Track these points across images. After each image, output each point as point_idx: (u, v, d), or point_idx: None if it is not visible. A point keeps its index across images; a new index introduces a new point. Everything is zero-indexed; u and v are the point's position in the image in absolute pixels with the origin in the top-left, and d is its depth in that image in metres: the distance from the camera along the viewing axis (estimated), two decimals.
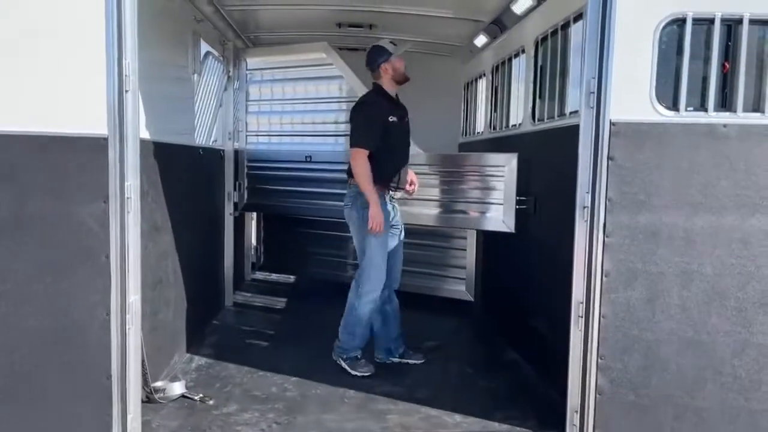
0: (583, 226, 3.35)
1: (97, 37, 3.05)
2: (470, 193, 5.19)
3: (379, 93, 4.51)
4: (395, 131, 4.41)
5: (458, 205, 5.29)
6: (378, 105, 4.42)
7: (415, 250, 6.24)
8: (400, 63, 4.46)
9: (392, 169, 4.47)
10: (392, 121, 4.38)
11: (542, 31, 4.61)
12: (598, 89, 3.26)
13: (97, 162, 3.09)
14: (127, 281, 3.21)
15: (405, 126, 4.58)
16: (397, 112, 4.46)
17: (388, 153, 4.38)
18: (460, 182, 5.26)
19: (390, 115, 4.38)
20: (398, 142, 4.48)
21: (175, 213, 4.34)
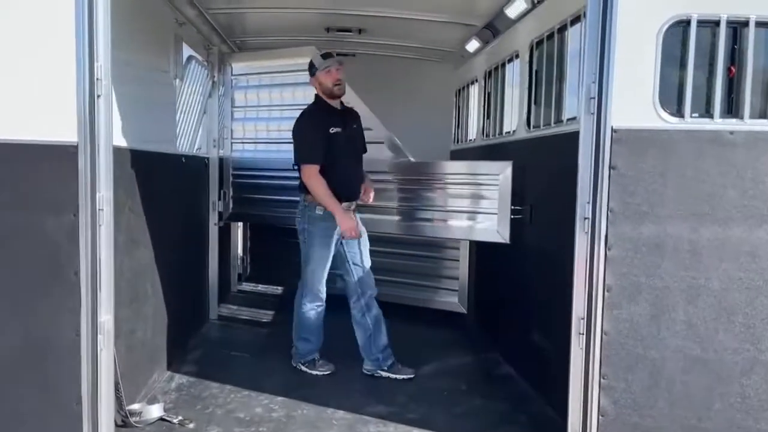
0: (583, 237, 3.18)
1: (66, 37, 2.86)
2: (463, 202, 5.03)
3: (317, 105, 4.54)
4: (340, 142, 4.40)
5: (451, 215, 5.13)
6: (317, 118, 4.43)
7: (406, 260, 6.10)
8: (327, 77, 4.42)
9: (343, 180, 4.44)
10: (335, 132, 4.38)
11: (537, 35, 4.46)
12: (599, 94, 3.10)
13: (65, 171, 2.88)
14: (98, 299, 3.00)
15: (353, 134, 4.55)
16: (339, 121, 4.44)
17: (336, 164, 4.38)
18: (452, 191, 5.10)
19: (331, 127, 4.37)
20: (346, 152, 4.46)
21: (155, 224, 4.13)
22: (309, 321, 4.62)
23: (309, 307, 4.60)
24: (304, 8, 5.54)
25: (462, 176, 5.01)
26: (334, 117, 4.45)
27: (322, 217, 4.43)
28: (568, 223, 3.52)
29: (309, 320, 4.62)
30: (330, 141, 4.34)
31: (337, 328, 4.80)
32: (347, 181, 4.48)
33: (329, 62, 4.44)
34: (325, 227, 4.45)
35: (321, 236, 4.47)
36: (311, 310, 4.60)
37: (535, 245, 4.43)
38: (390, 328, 4.81)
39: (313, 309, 4.60)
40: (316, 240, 4.47)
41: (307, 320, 4.62)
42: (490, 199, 4.80)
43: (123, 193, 3.59)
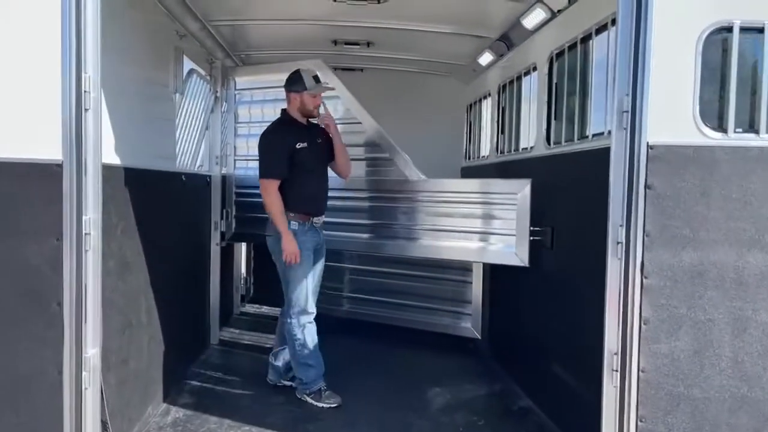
0: (616, 264, 2.90)
1: (51, 44, 2.62)
2: (478, 222, 4.75)
3: (284, 120, 4.50)
4: (307, 157, 4.35)
5: (465, 236, 4.84)
6: (283, 133, 4.39)
7: (415, 282, 5.82)
8: (311, 100, 4.42)
9: (309, 195, 4.39)
10: (301, 147, 4.34)
11: (557, 46, 4.21)
12: (633, 108, 2.84)
13: (48, 192, 2.63)
14: (83, 332, 2.73)
15: (319, 149, 4.48)
16: (306, 136, 4.40)
17: (304, 179, 4.33)
18: (466, 211, 4.82)
19: (297, 142, 4.33)
20: (312, 167, 4.41)
21: (150, 246, 3.87)
22: (304, 344, 4.39)
23: (300, 329, 4.38)
24: (311, 20, 5.32)
25: (477, 195, 4.74)
26: (300, 132, 4.41)
27: (297, 231, 4.31)
28: (595, 246, 3.26)
29: (304, 343, 4.39)
30: (296, 156, 4.30)
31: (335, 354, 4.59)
32: (314, 196, 4.43)
33: (320, 88, 4.45)
34: (301, 241, 4.31)
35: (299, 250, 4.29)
36: (303, 331, 4.38)
37: (556, 269, 4.14)
38: (398, 353, 4.54)
39: (304, 330, 4.38)
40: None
41: (302, 343, 4.39)
42: (507, 219, 4.52)
43: (115, 215, 3.33)
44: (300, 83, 4.39)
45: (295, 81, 4.43)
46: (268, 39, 6.00)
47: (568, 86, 4.09)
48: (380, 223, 5.31)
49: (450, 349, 5.76)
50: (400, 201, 5.16)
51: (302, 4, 4.85)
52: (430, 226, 4.97)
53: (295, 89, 4.40)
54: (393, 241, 5.22)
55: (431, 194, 4.97)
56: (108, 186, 3.22)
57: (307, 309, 4.38)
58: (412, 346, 5.82)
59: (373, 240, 5.37)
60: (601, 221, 3.07)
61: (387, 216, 5.27)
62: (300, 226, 4.32)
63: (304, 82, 4.38)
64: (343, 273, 6.35)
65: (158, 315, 4.07)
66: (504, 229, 4.58)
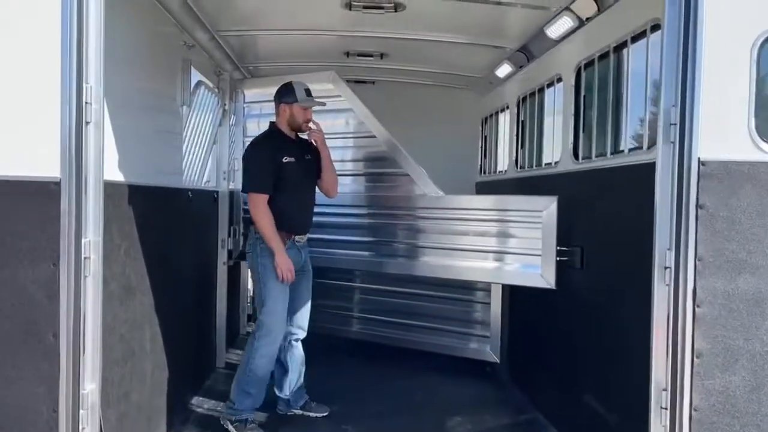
0: (664, 291, 2.65)
1: (50, 52, 2.41)
2: (500, 241, 4.51)
3: (272, 133, 4.35)
4: (293, 172, 4.20)
5: (486, 256, 4.59)
6: (270, 146, 4.24)
7: (430, 303, 5.58)
8: (301, 113, 4.27)
9: (294, 212, 4.22)
10: (288, 162, 4.18)
11: (586, 56, 3.99)
12: (682, 120, 2.61)
13: (45, 213, 2.41)
14: (81, 367, 2.50)
15: (307, 165, 4.33)
16: (294, 151, 4.25)
17: (288, 195, 4.16)
18: (487, 229, 4.58)
19: (285, 156, 4.17)
20: (299, 183, 4.26)
21: (155, 268, 3.63)
22: (258, 370, 4.13)
23: (263, 353, 4.11)
24: (323, 30, 5.13)
25: (499, 212, 4.50)
26: (288, 146, 4.26)
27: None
28: (634, 269, 3.03)
29: (258, 370, 4.13)
30: (283, 170, 4.14)
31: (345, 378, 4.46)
32: (299, 213, 4.25)
33: (311, 102, 4.29)
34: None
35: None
36: (263, 358, 4.11)
37: (587, 292, 3.88)
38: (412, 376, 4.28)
39: (267, 356, 4.13)
40: (273, 274, 4.09)
41: (257, 369, 4.12)
42: (531, 238, 4.27)
43: (118, 235, 3.10)
44: (291, 95, 4.24)
45: (286, 92, 4.28)
46: (277, 50, 5.81)
47: (599, 98, 3.86)
48: (395, 241, 5.08)
49: (466, 373, 5.50)
50: (417, 218, 4.94)
51: (315, 13, 4.65)
52: (449, 245, 4.73)
53: (286, 101, 4.25)
54: (410, 261, 4.99)
55: (450, 211, 4.74)
56: (110, 204, 3.00)
57: (277, 338, 4.15)
58: (426, 370, 5.58)
59: (388, 259, 5.14)
60: (641, 242, 2.85)
61: (403, 234, 5.04)
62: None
63: (295, 94, 4.23)
64: (355, 292, 6.11)
65: (163, 341, 3.83)
66: (528, 249, 4.33)
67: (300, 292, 4.32)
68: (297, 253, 4.23)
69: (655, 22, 3.11)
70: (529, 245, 4.29)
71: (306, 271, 4.37)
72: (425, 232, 4.91)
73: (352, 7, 4.31)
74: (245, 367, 4.16)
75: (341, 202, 5.48)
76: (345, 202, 5.45)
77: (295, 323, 4.37)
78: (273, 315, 4.10)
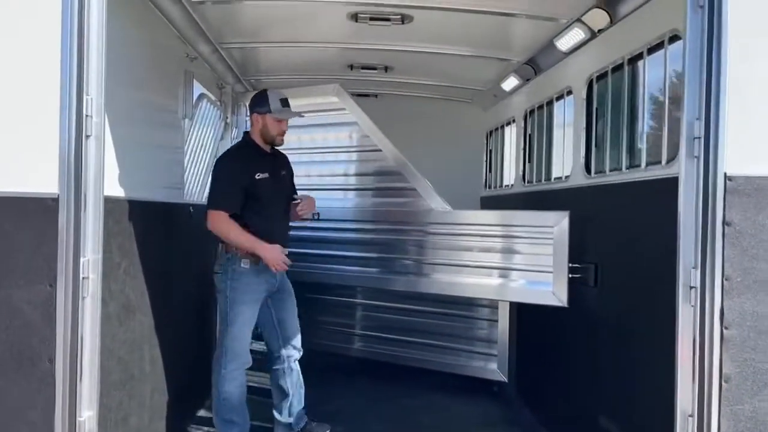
0: (689, 312, 2.54)
1: (50, 63, 2.30)
2: (509, 258, 4.39)
3: (246, 145, 4.02)
4: (267, 188, 3.88)
5: (494, 272, 4.47)
6: (242, 160, 3.90)
7: (435, 320, 5.45)
8: (275, 125, 3.93)
9: (268, 232, 3.85)
10: (261, 178, 3.85)
11: (598, 69, 3.90)
12: (707, 133, 2.50)
13: (41, 231, 2.29)
14: (78, 393, 2.37)
15: (281, 181, 4.03)
16: (268, 166, 3.92)
17: (262, 214, 3.86)
18: (496, 245, 4.46)
19: (258, 171, 3.85)
20: (273, 200, 3.93)
21: (155, 286, 3.51)
22: (233, 397, 3.87)
23: (232, 378, 3.85)
24: (327, 43, 5.04)
25: (508, 227, 4.39)
26: (262, 161, 3.92)
27: (250, 272, 3.83)
28: (653, 287, 2.92)
29: (233, 396, 3.87)
30: (255, 187, 3.82)
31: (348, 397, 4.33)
32: (270, 234, 3.86)
33: (286, 113, 3.96)
34: (253, 283, 3.85)
35: (249, 293, 3.84)
36: (234, 382, 3.86)
37: (602, 310, 3.76)
38: (417, 396, 4.13)
39: (237, 381, 3.88)
40: (244, 297, 3.82)
41: (231, 396, 3.86)
42: (542, 254, 4.15)
43: (117, 253, 2.98)
44: (264, 104, 3.89)
45: (260, 101, 3.94)
46: (280, 63, 5.73)
47: (612, 111, 3.76)
48: (401, 257, 4.96)
49: (473, 393, 5.37)
50: (424, 233, 4.82)
51: (320, 25, 4.57)
52: (457, 261, 4.61)
53: (258, 110, 3.91)
54: (416, 277, 4.86)
55: (458, 226, 4.62)
56: (111, 221, 2.89)
57: (245, 362, 3.90)
58: (431, 389, 5.45)
59: (393, 275, 5.01)
60: (661, 260, 2.74)
61: (409, 249, 4.92)
62: (252, 266, 3.81)
63: (268, 104, 3.88)
64: (358, 309, 5.98)
65: (163, 363, 3.69)
66: (538, 266, 4.20)
67: (285, 311, 4.09)
68: (270, 276, 3.91)
69: (673, 32, 3.03)
70: (540, 262, 4.17)
71: (285, 291, 4.10)
72: (432, 248, 4.79)
73: (359, 19, 4.23)
74: (218, 398, 3.90)
75: (345, 217, 5.39)
76: (349, 217, 5.35)
77: (290, 344, 4.15)
78: (239, 340, 3.83)
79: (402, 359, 5.62)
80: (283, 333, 4.10)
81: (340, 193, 5.53)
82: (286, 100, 4.00)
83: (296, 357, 4.20)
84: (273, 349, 4.14)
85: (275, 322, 4.09)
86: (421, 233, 4.84)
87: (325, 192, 5.59)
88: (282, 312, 4.08)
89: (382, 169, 5.15)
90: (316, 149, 5.60)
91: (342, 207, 5.44)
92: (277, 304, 4.04)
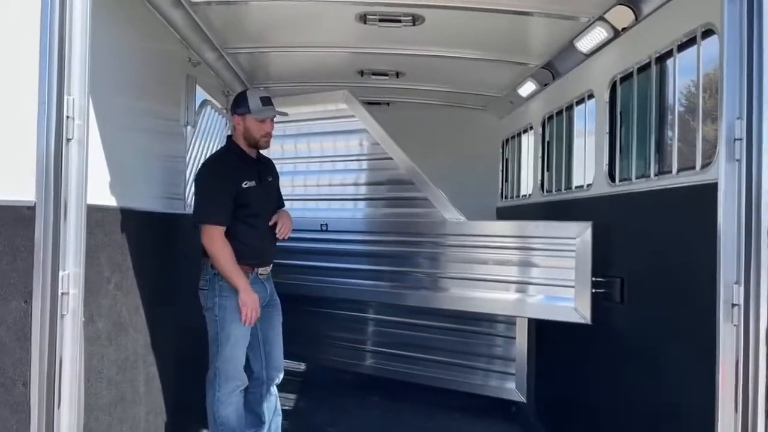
0: (731, 332, 2.30)
1: (27, 62, 2.12)
2: (528, 271, 4.14)
3: (229, 151, 3.72)
4: (254, 197, 3.60)
5: (512, 287, 4.23)
6: (226, 169, 3.61)
7: (450, 336, 5.19)
8: (257, 126, 3.62)
9: (257, 243, 3.63)
10: (247, 187, 3.58)
11: (622, 70, 3.67)
12: (748, 135, 2.26)
13: (16, 242, 2.10)
14: (56, 419, 2.16)
15: (268, 188, 3.76)
16: (254, 173, 3.64)
17: (250, 224, 3.59)
18: (513, 258, 4.22)
19: (244, 180, 3.57)
20: (260, 209, 3.66)
21: (151, 300, 3.32)
22: (229, 421, 3.61)
23: (228, 403, 3.59)
24: (337, 47, 4.86)
25: (527, 239, 4.14)
26: (248, 168, 3.64)
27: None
28: (688, 304, 2.67)
29: (229, 420, 3.61)
30: (242, 197, 3.55)
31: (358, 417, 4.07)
32: (262, 243, 3.65)
33: (268, 111, 3.64)
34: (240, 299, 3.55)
35: (239, 311, 3.51)
36: (230, 407, 3.59)
37: (629, 328, 3.50)
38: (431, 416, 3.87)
39: (233, 405, 3.61)
40: (234, 316, 3.51)
41: (227, 421, 3.60)
42: (563, 268, 3.91)
43: (107, 266, 2.79)
44: (243, 105, 3.59)
45: (239, 102, 3.64)
46: (288, 69, 5.56)
47: (638, 114, 3.52)
48: (414, 270, 4.73)
49: (489, 414, 5.12)
50: (437, 245, 4.59)
51: (328, 28, 4.39)
52: (473, 275, 4.37)
53: (238, 111, 3.61)
54: (430, 292, 4.62)
55: (473, 238, 4.39)
56: (100, 232, 2.71)
57: (240, 384, 3.63)
58: (446, 409, 5.21)
59: (406, 290, 4.78)
60: (696, 274, 2.49)
61: (422, 262, 4.69)
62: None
63: (248, 104, 3.59)
64: (369, 324, 5.74)
65: (160, 383, 3.49)
66: (559, 280, 3.96)
67: (272, 329, 3.80)
68: (262, 287, 3.66)
69: (707, 27, 2.79)
70: (561, 275, 3.93)
71: (274, 306, 3.82)
72: (446, 261, 4.55)
73: (368, 20, 4.04)
74: (215, 423, 3.65)
75: (355, 228, 5.18)
76: (359, 228, 5.14)
77: (273, 366, 3.82)
78: (232, 361, 3.57)
79: (415, 377, 5.37)
80: (267, 353, 3.78)
81: (350, 203, 5.32)
82: (268, 99, 3.70)
83: (277, 381, 3.88)
84: (253, 369, 3.80)
85: (260, 339, 3.76)
86: (434, 245, 4.61)
87: (334, 202, 5.41)
88: (268, 330, 3.77)
89: (394, 178, 4.94)
90: (325, 158, 5.41)
91: (351, 218, 5.23)
92: (264, 320, 3.71)
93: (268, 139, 3.69)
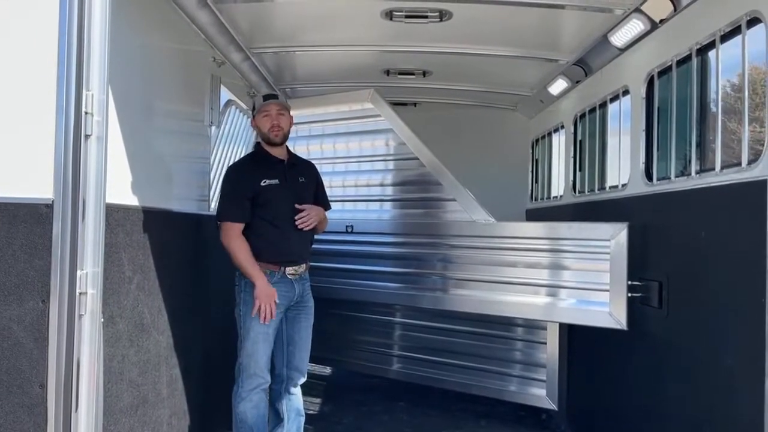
0: None
1: (46, 57, 2.08)
2: (561, 274, 4.00)
3: (254, 154, 3.89)
4: (276, 195, 3.64)
5: (544, 290, 4.09)
6: (246, 169, 3.75)
7: (479, 341, 5.06)
8: (263, 121, 3.70)
9: (279, 240, 3.64)
10: (267, 185, 3.63)
11: (659, 64, 3.51)
12: None
13: (34, 240, 2.06)
14: (74, 422, 2.11)
15: (298, 188, 3.76)
16: (278, 172, 3.68)
17: (271, 222, 3.63)
18: (546, 260, 4.08)
19: (263, 179, 3.63)
20: (283, 208, 3.67)
21: (175, 301, 3.28)
22: (247, 418, 3.62)
23: (248, 399, 3.60)
24: (362, 45, 4.78)
25: (560, 241, 4.00)
26: (271, 167, 3.69)
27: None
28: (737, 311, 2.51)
29: (247, 417, 3.62)
30: (262, 194, 3.60)
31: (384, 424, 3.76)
32: (286, 242, 3.64)
33: (266, 105, 3.73)
34: None
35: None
36: (249, 404, 3.60)
37: (670, 335, 3.32)
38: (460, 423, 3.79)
39: (252, 402, 3.61)
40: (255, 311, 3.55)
41: (245, 417, 3.61)
42: (597, 271, 3.76)
43: (129, 266, 2.75)
44: (252, 109, 3.83)
45: (252, 108, 3.87)
46: (313, 69, 5.50)
47: (677, 110, 3.35)
48: (442, 273, 4.62)
49: (519, 420, 5.00)
50: (466, 248, 4.47)
51: (354, 25, 4.31)
52: (503, 278, 4.24)
53: (252, 115, 3.82)
54: (459, 295, 4.50)
55: (503, 240, 4.26)
56: (121, 231, 2.66)
57: (262, 382, 3.61)
58: (474, 416, 5.10)
59: (433, 293, 4.67)
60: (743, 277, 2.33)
61: (450, 265, 4.58)
62: (268, 276, 3.58)
63: (254, 105, 3.82)
64: (396, 328, 5.64)
65: (183, 385, 3.44)
66: (593, 283, 3.82)
67: (298, 331, 3.78)
68: (289, 287, 3.65)
69: (752, 15, 2.63)
70: (595, 279, 3.78)
71: (304, 308, 3.79)
72: (475, 264, 4.43)
73: (394, 17, 3.95)
74: (235, 416, 3.67)
75: (381, 230, 5.09)
76: (385, 230, 5.05)
77: (293, 366, 3.80)
78: (253, 357, 3.58)
79: (442, 382, 5.25)
80: (289, 353, 3.77)
81: (376, 204, 5.23)
82: (270, 95, 3.89)
83: (298, 382, 3.84)
84: (275, 365, 3.81)
85: (284, 339, 3.77)
86: (463, 247, 4.48)
87: (360, 203, 5.32)
88: (293, 329, 3.76)
89: (420, 179, 4.84)
90: (350, 158, 5.33)
91: (378, 219, 5.15)
92: (291, 319, 3.74)
93: (277, 132, 3.70)
